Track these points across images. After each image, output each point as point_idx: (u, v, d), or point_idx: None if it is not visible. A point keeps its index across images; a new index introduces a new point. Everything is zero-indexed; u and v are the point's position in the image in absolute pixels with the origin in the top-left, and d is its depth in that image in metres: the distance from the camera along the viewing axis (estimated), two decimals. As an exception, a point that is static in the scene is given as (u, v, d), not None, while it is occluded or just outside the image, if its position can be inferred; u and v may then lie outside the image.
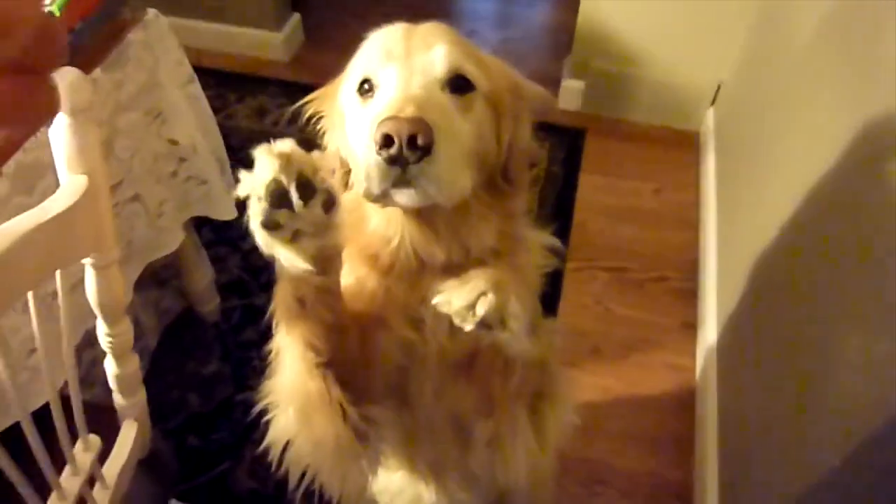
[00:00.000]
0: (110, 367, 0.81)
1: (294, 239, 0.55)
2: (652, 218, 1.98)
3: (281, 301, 0.67)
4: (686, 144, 2.18)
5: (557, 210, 1.99)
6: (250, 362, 1.60)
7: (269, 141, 0.59)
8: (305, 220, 0.53)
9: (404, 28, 0.71)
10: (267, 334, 0.75)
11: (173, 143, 1.23)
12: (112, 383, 0.84)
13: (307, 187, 0.51)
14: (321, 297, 0.64)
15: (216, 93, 2.29)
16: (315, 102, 0.78)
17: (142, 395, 0.89)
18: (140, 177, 1.17)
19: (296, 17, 2.43)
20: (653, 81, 2.15)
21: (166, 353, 1.62)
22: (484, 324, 0.61)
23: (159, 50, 1.17)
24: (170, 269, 1.60)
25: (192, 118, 1.27)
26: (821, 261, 1.16)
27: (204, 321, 1.67)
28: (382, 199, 0.62)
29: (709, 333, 1.61)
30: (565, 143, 2.18)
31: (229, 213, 1.39)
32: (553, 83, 2.31)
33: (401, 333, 0.72)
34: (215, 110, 2.22)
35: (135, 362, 0.84)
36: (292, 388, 0.70)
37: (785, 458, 1.10)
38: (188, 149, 1.26)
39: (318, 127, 0.79)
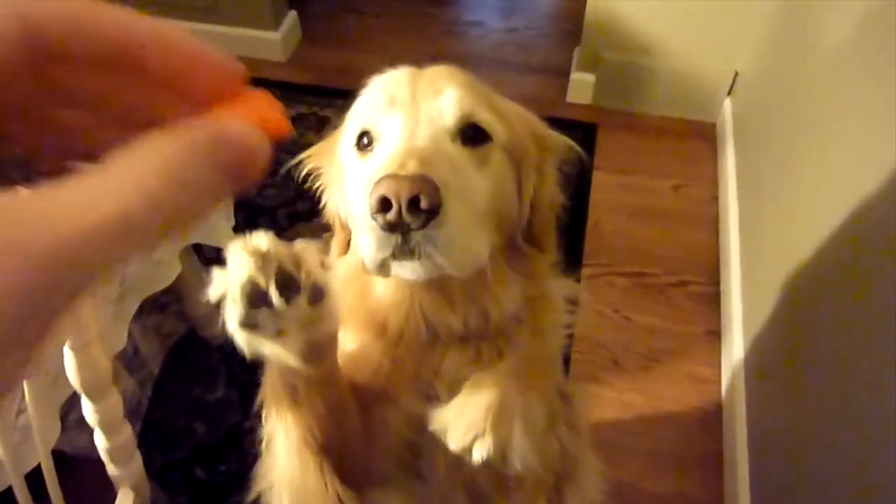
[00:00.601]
0: (100, 440, 0.75)
1: (278, 336, 0.48)
2: (671, 217, 1.90)
3: (270, 389, 0.60)
4: (704, 137, 2.08)
5: (570, 212, 1.91)
6: (258, 387, 1.54)
7: (244, 232, 0.52)
8: (289, 318, 0.46)
9: (409, 72, 0.63)
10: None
11: (165, 170, 1.16)
12: (104, 455, 0.78)
13: (290, 284, 0.45)
14: (314, 387, 0.57)
15: (213, 97, 2.21)
16: (313, 157, 0.71)
17: (137, 461, 0.83)
18: (130, 211, 1.09)
19: (293, 15, 2.33)
20: (666, 71, 2.06)
21: (170, 379, 1.56)
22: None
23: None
24: (170, 293, 1.53)
25: (184, 142, 1.20)
26: (861, 270, 1.09)
27: (208, 344, 1.61)
28: (381, 270, 0.55)
29: (734, 343, 1.54)
30: (576, 139, 2.06)
31: (227, 241, 1.32)
32: (562, 75, 2.22)
33: (410, 409, 0.65)
34: (212, 116, 2.16)
35: (127, 431, 0.78)
36: (286, 480, 0.64)
37: (827, 493, 1.03)
38: (181, 175, 1.19)
39: (317, 185, 0.72)
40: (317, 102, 2.19)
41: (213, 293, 0.46)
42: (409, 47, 2.39)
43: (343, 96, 2.41)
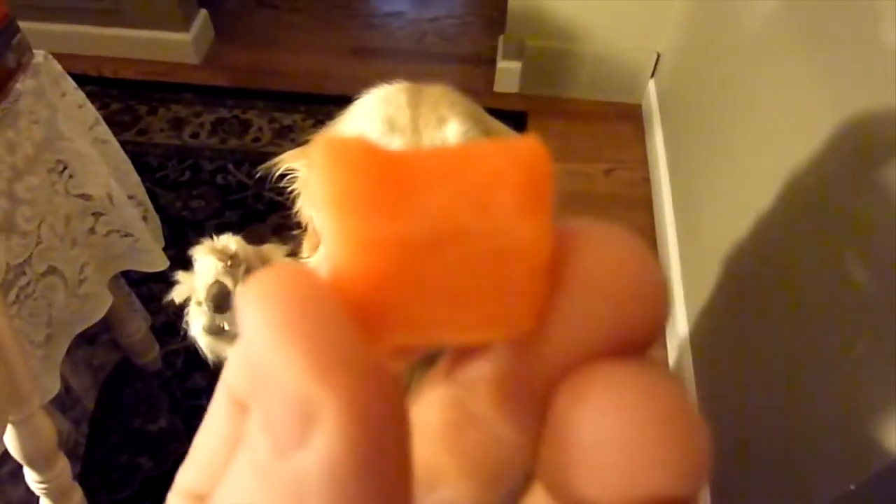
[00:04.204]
0: (48, 509, 0.69)
1: None
2: (606, 201, 1.93)
3: None
4: (631, 119, 2.12)
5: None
6: (202, 411, 1.47)
7: (210, 236, 0.50)
8: None
9: (407, 93, 0.60)
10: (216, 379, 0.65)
11: (85, 198, 1.08)
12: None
13: None
14: None
15: (123, 106, 2.08)
16: (291, 157, 0.67)
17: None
18: (52, 245, 1.01)
19: (203, 14, 2.21)
20: (591, 56, 2.07)
21: (107, 414, 1.47)
22: None
23: (54, 96, 1.00)
24: (99, 323, 1.43)
25: (103, 165, 1.11)
26: (792, 238, 1.13)
27: (145, 372, 1.52)
28: None
29: (678, 322, 1.58)
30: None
31: (161, 264, 1.24)
32: (487, 64, 2.20)
33: None
34: (124, 126, 2.04)
35: (77, 495, 0.71)
36: None
37: (779, 459, 1.07)
38: (104, 201, 1.11)
39: (291, 188, 0.69)
40: (237, 105, 2.10)
41: (177, 295, 0.45)
42: (327, 42, 2.31)
43: (263, 97, 2.31)
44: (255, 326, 0.12)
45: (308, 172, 0.67)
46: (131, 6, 2.07)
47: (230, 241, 0.44)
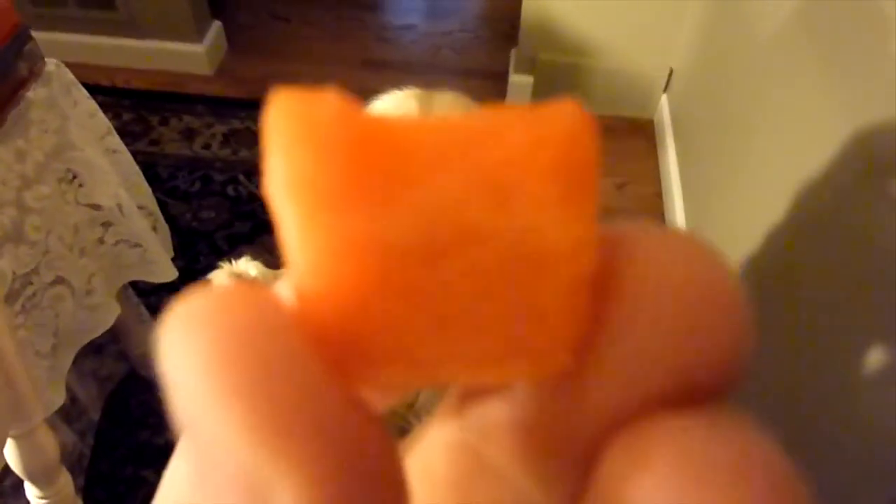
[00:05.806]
0: (49, 526, 0.68)
1: None
2: (618, 216, 1.91)
3: None
4: (643, 134, 2.10)
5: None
6: (209, 424, 1.46)
7: (229, 259, 0.48)
8: None
9: (418, 99, 0.59)
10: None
11: (95, 207, 1.07)
12: (54, 540, 0.70)
13: None
14: None
15: (135, 116, 2.08)
16: None
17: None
18: (60, 255, 1.00)
19: (217, 25, 2.22)
20: (603, 71, 2.06)
21: (113, 426, 1.45)
22: None
23: (66, 105, 1.00)
24: (107, 333, 1.43)
25: (114, 175, 1.11)
26: (806, 253, 1.11)
27: (151, 385, 1.51)
28: None
29: (691, 339, 1.55)
30: (519, 142, 2.07)
31: (169, 275, 1.23)
32: (499, 78, 2.20)
33: None
34: (136, 136, 2.04)
35: (79, 511, 0.70)
36: None
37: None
38: (113, 211, 1.10)
39: None
40: (249, 116, 2.10)
41: None
42: (339, 54, 2.32)
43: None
44: (182, 371, 0.09)
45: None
46: (145, 17, 2.09)
47: (249, 266, 0.42)
